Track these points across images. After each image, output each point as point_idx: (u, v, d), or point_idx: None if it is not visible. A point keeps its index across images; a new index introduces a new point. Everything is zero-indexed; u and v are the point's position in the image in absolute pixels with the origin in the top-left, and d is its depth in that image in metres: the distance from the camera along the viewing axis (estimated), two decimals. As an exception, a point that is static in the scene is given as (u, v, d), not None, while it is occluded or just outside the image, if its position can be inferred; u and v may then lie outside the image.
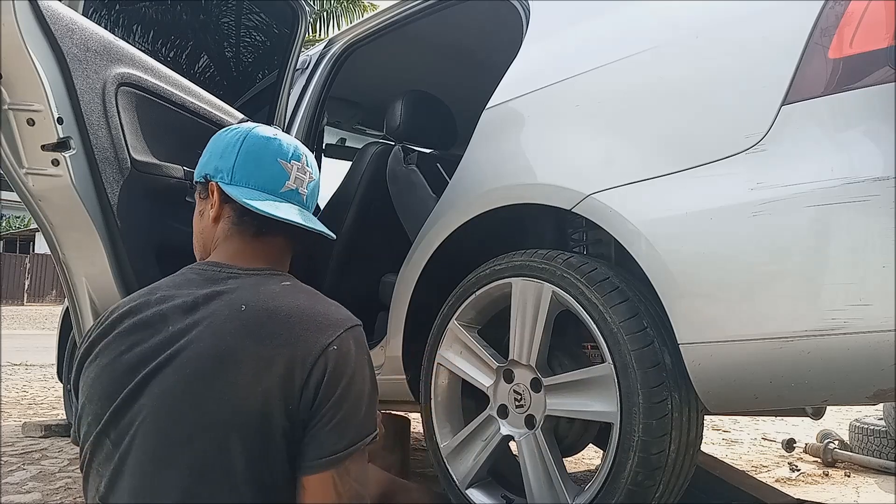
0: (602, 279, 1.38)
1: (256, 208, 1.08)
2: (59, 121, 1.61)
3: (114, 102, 1.71)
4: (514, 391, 1.54)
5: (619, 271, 1.42)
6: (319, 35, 15.79)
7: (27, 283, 22.70)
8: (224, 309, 1.00)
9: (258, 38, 2.70)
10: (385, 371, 1.95)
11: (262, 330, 0.96)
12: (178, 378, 0.95)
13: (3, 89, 1.56)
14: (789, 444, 3.11)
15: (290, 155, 1.17)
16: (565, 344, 1.61)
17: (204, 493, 0.92)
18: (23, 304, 21.54)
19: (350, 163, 2.50)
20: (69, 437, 3.37)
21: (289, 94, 2.50)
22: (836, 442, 3.06)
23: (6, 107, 1.57)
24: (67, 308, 2.35)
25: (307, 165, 1.20)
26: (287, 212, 1.12)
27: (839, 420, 3.85)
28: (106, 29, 1.78)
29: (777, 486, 2.40)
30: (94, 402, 0.99)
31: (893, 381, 1.07)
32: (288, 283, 1.09)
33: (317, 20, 16.22)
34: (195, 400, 0.94)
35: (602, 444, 1.66)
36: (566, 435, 1.60)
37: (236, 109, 2.14)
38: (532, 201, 1.53)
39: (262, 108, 2.49)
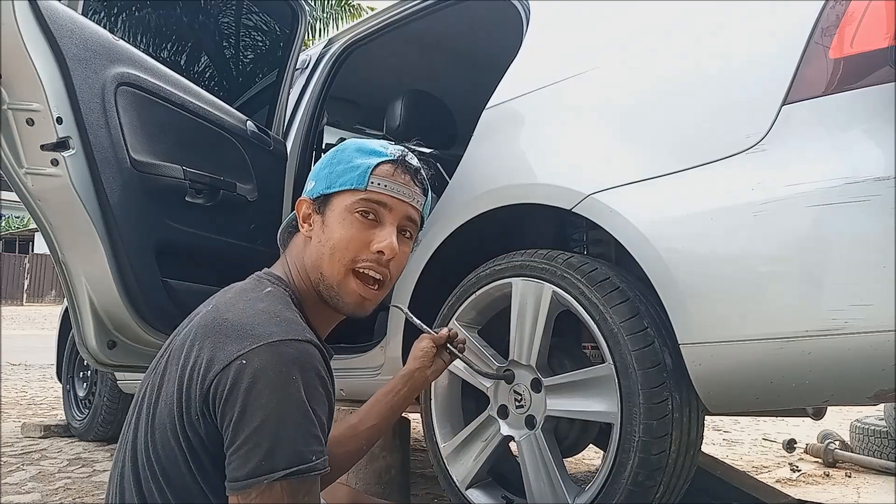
0: (602, 279, 1.38)
1: None
2: (59, 121, 1.60)
3: (113, 102, 1.71)
4: (515, 391, 1.54)
5: (619, 271, 1.42)
6: (319, 40, 15.74)
7: (26, 283, 22.70)
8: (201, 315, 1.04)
9: (258, 38, 2.70)
10: (385, 371, 1.95)
11: (198, 333, 0.94)
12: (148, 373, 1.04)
13: (2, 89, 1.55)
14: (790, 445, 3.11)
15: None
16: (565, 344, 1.61)
17: (133, 476, 0.95)
18: (22, 305, 21.54)
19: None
20: (68, 437, 3.37)
21: (289, 94, 2.49)
22: (837, 442, 3.05)
23: (6, 107, 1.57)
24: (67, 308, 2.35)
25: None
26: None
27: (840, 420, 3.84)
28: (106, 29, 1.78)
29: (778, 486, 2.40)
30: None
31: (894, 382, 1.07)
32: (267, 290, 1.02)
33: (316, 22, 16.21)
34: (144, 390, 1.01)
35: (602, 444, 1.66)
36: (566, 435, 1.59)
37: (236, 109, 2.14)
38: (532, 201, 1.53)
39: (261, 108, 2.49)
